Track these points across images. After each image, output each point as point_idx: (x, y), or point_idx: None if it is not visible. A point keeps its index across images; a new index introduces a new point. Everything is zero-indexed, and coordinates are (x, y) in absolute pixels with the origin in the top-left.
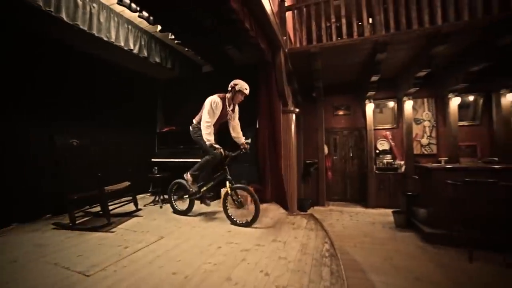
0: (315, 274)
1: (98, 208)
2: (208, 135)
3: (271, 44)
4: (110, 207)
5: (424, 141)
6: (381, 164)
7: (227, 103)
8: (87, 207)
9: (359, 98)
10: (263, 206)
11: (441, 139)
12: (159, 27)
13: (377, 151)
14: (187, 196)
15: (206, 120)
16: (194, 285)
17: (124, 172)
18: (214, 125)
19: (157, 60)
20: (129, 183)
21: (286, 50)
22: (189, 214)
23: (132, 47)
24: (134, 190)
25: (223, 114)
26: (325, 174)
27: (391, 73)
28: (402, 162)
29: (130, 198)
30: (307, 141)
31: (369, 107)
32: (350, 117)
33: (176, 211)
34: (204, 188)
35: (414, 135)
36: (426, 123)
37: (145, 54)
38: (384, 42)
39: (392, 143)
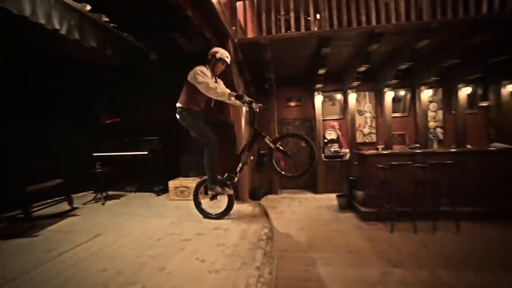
0: (249, 257)
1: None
2: (221, 89)
3: (219, 34)
4: (39, 208)
5: (366, 130)
6: (329, 152)
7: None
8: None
9: (309, 90)
10: None
11: (379, 128)
12: (88, 6)
13: (325, 140)
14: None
15: (205, 81)
16: (124, 279)
17: (56, 169)
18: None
19: (93, 44)
20: (61, 180)
21: (236, 40)
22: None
23: (57, 26)
24: (72, 187)
25: None
26: (278, 163)
27: (337, 68)
28: (347, 150)
29: (64, 197)
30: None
31: (318, 99)
32: (301, 108)
33: (208, 215)
34: (240, 166)
35: (357, 125)
36: (368, 114)
37: (77, 36)
38: (328, 38)
39: (339, 133)
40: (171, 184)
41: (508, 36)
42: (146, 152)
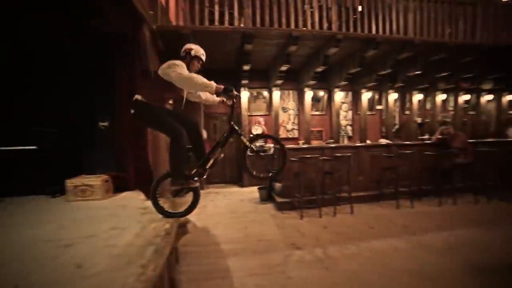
0: (137, 255)
1: None
2: (202, 80)
3: (131, 17)
4: None
5: (289, 126)
6: (254, 147)
7: None
8: None
9: (236, 86)
10: (122, 194)
11: (301, 125)
12: None
13: (251, 135)
14: (184, 189)
15: (187, 74)
16: None
17: None
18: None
19: None
20: None
21: (154, 26)
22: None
23: None
24: None
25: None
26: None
27: (263, 65)
28: (272, 145)
29: None
30: None
31: (244, 95)
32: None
33: (170, 214)
34: (211, 162)
35: (281, 121)
36: (291, 112)
37: None
38: (250, 35)
39: (264, 128)
40: (70, 183)
41: (392, 52)
42: (36, 147)
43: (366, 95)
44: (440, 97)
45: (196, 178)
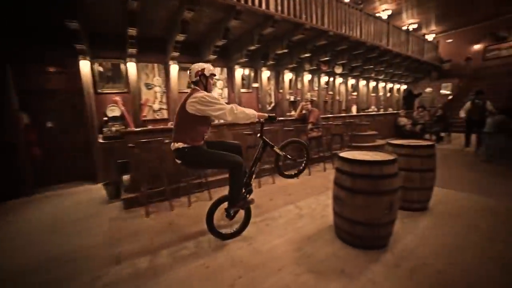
0: None
1: None
2: (245, 113)
3: None
4: None
5: (156, 106)
6: (109, 132)
7: None
8: None
9: (72, 55)
10: None
11: (170, 104)
12: None
13: (106, 118)
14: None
15: (224, 107)
16: None
17: None
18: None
19: None
20: None
21: None
22: None
23: None
24: None
25: None
26: (29, 151)
27: (111, 29)
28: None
29: None
30: None
31: (84, 65)
32: (66, 76)
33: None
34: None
35: (144, 100)
36: (157, 89)
37: None
38: None
39: (123, 108)
40: None
41: (256, 27)
42: None
43: (239, 72)
44: (307, 77)
45: (247, 195)
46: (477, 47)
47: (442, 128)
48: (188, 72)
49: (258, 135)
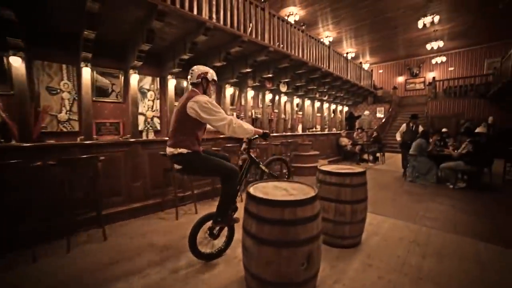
0: None
1: None
2: (244, 128)
3: None
4: None
5: (63, 116)
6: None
7: None
8: None
9: None
10: None
11: (82, 114)
12: None
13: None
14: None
15: (224, 117)
16: None
17: None
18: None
19: None
20: None
21: None
22: None
23: None
24: None
25: None
26: None
27: None
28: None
29: None
30: None
31: None
32: None
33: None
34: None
35: (43, 107)
36: (66, 95)
37: None
38: None
39: (4, 115)
40: None
41: (188, 34)
42: None
43: (172, 82)
44: (250, 94)
45: (233, 213)
46: (400, 79)
47: (378, 149)
48: (190, 72)
49: (244, 152)
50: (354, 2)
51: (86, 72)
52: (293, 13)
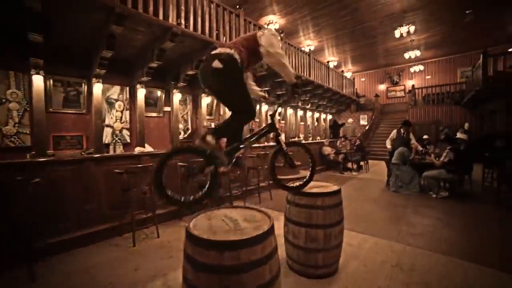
0: None
1: None
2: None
3: None
4: None
5: (11, 128)
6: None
7: None
8: None
9: None
10: None
11: (35, 126)
12: None
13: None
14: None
15: (282, 53)
16: None
17: None
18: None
19: None
20: None
21: None
22: None
23: None
24: None
25: None
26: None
27: None
28: None
29: None
30: None
31: None
32: None
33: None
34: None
35: None
36: (14, 105)
37: None
38: None
39: None
40: None
41: (156, 40)
42: None
43: (142, 92)
44: None
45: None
46: (382, 87)
47: (361, 157)
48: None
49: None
50: (333, 12)
51: (38, 80)
52: (273, 21)
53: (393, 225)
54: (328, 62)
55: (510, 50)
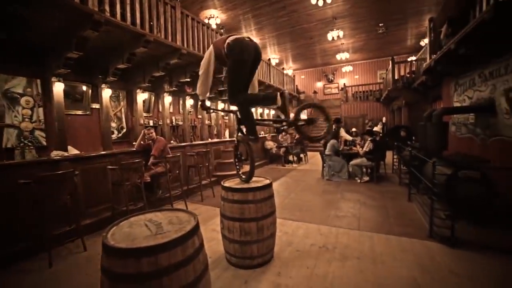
0: None
1: None
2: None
3: None
4: None
5: None
6: None
7: None
8: None
9: None
10: None
11: None
12: None
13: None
14: None
15: None
16: None
17: None
18: None
19: None
20: None
21: None
22: None
23: None
24: None
25: None
26: None
27: None
28: None
29: None
30: None
31: None
32: None
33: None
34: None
35: None
36: None
37: None
38: None
39: None
40: None
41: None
42: None
43: (59, 86)
44: (167, 99)
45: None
46: (319, 84)
47: (301, 150)
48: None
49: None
50: (272, 11)
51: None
52: (214, 16)
53: (324, 211)
54: (269, 59)
55: (409, 59)
